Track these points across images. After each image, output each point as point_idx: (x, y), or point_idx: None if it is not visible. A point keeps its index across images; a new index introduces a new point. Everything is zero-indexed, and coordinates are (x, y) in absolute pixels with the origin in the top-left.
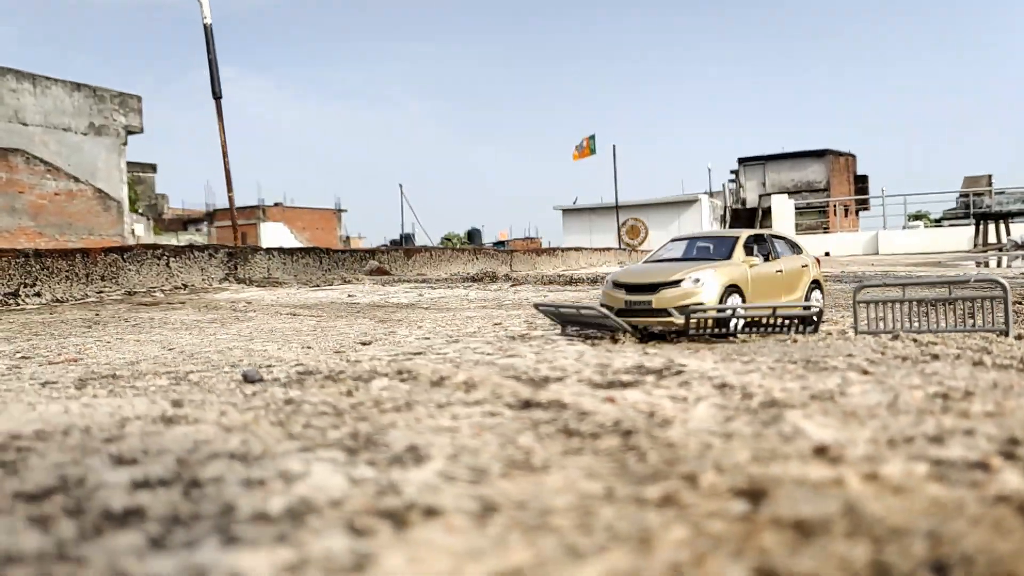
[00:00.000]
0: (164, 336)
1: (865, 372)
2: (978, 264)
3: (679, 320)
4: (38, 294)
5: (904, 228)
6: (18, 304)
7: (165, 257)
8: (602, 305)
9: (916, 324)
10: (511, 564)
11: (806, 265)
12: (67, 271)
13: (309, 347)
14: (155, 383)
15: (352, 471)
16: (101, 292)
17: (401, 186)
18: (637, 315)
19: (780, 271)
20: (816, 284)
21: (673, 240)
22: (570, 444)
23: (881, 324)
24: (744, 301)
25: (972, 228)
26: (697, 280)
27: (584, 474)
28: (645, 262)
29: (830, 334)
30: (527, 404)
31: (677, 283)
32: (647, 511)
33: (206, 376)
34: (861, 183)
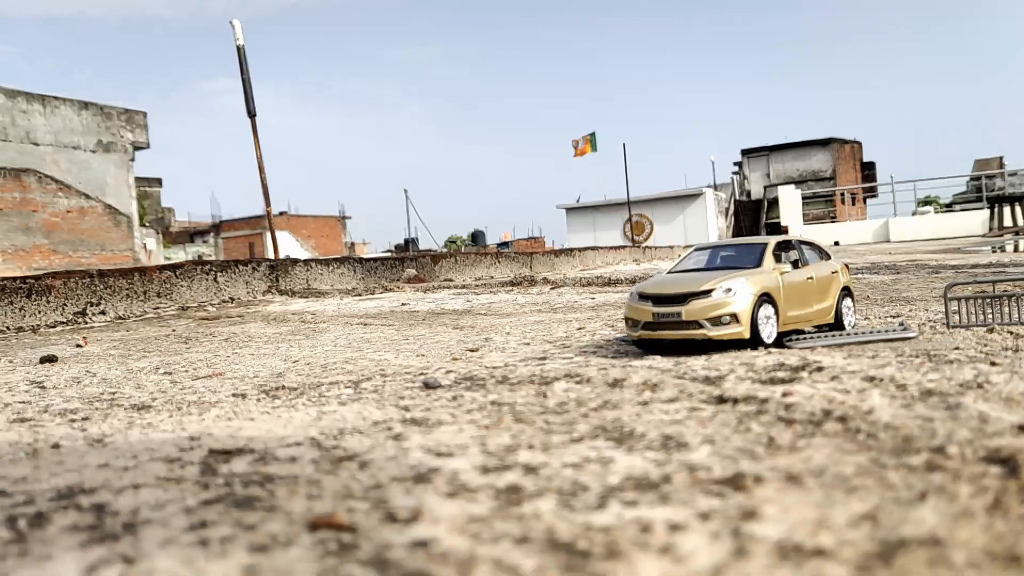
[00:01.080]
0: (271, 349)
1: (993, 363)
2: (995, 249)
3: (713, 332)
4: (103, 312)
5: (914, 214)
6: (86, 322)
7: (213, 272)
8: (626, 319)
9: (1002, 317)
10: (861, 510)
11: (836, 271)
12: (127, 289)
13: (422, 355)
14: (344, 392)
15: (637, 458)
16: (158, 308)
17: (406, 191)
18: (665, 328)
19: (811, 278)
20: (847, 291)
21: (697, 249)
22: (797, 430)
23: (965, 319)
24: (776, 310)
25: (985, 212)
26: (729, 290)
27: (837, 451)
28: (670, 272)
29: (923, 332)
30: (721, 399)
31: (708, 293)
32: (925, 474)
33: (378, 385)
34: (868, 170)
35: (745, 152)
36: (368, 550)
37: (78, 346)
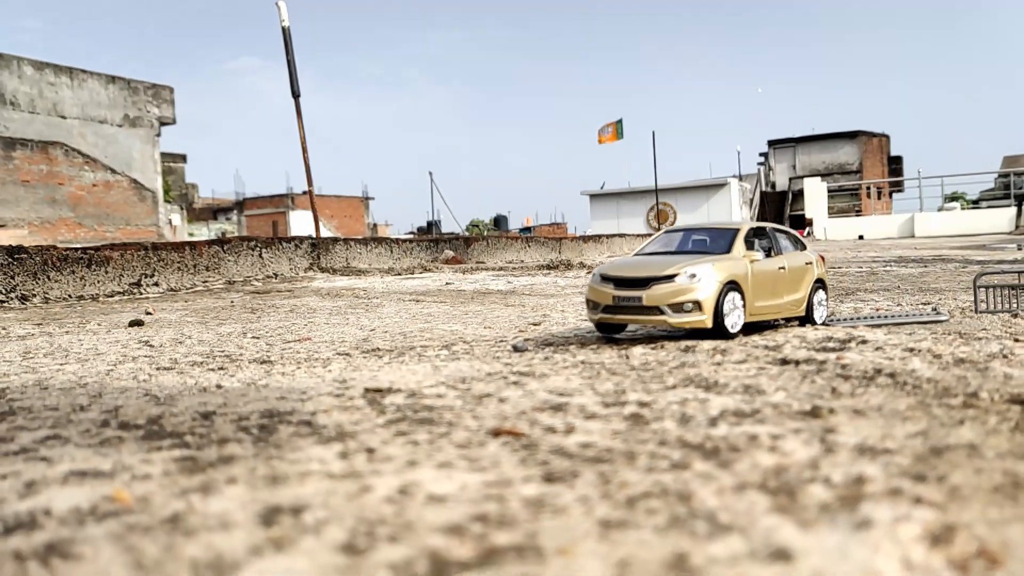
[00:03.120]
0: (340, 320)
1: (1017, 340)
2: (1021, 247)
3: (674, 320)
4: (156, 284)
5: (940, 210)
6: (141, 293)
7: (258, 248)
8: (587, 300)
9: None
10: (914, 429)
11: (810, 263)
12: (179, 262)
13: (488, 327)
14: (440, 352)
15: (727, 399)
16: (206, 281)
17: (431, 173)
18: (625, 312)
19: (783, 268)
20: (820, 284)
21: (667, 231)
22: (854, 382)
23: (996, 305)
24: (744, 299)
25: (1012, 209)
26: (693, 275)
27: (890, 396)
28: (636, 254)
29: (953, 316)
30: (784, 361)
31: (671, 278)
32: (962, 410)
33: (467, 348)
34: (895, 164)
35: (771, 143)
36: (547, 447)
37: (148, 313)
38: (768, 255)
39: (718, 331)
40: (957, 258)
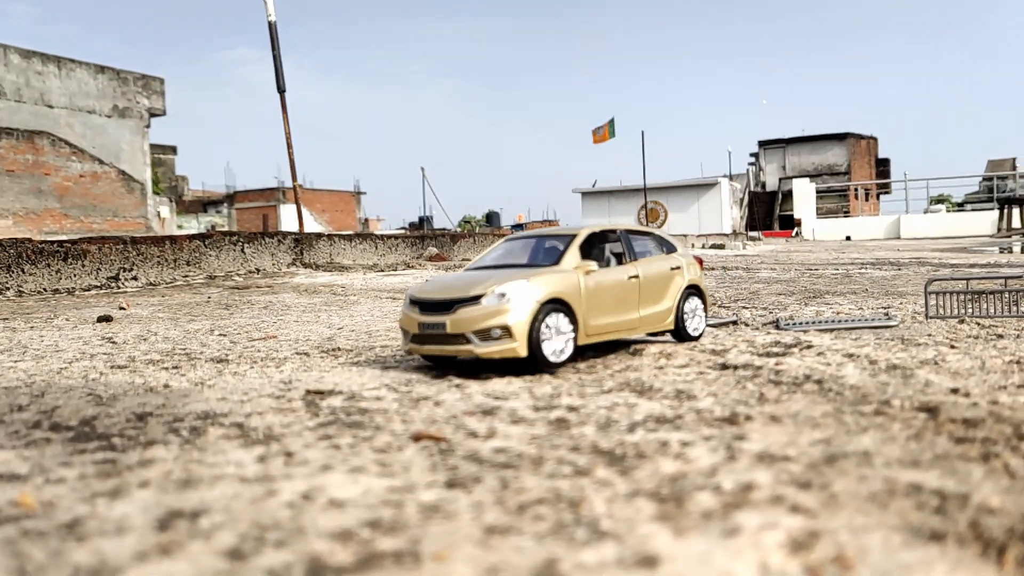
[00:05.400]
0: (312, 317)
1: (953, 346)
2: (1002, 250)
3: (481, 350)
4: (135, 278)
5: (926, 212)
6: (119, 287)
7: (240, 243)
8: (401, 328)
9: (974, 311)
10: (819, 437)
11: (678, 267)
12: (159, 256)
13: None
14: (399, 353)
15: (656, 404)
16: (187, 276)
17: (423, 169)
18: (432, 342)
19: (636, 277)
20: (693, 290)
21: (507, 240)
22: (782, 388)
23: (943, 311)
24: (575, 318)
25: (995, 212)
26: (503, 295)
27: (810, 403)
28: (467, 269)
29: (904, 321)
30: (724, 367)
31: (477, 299)
32: (871, 417)
33: None
34: (882, 166)
35: (762, 143)
36: (462, 452)
37: (121, 308)
38: (620, 262)
39: (535, 361)
40: (933, 261)
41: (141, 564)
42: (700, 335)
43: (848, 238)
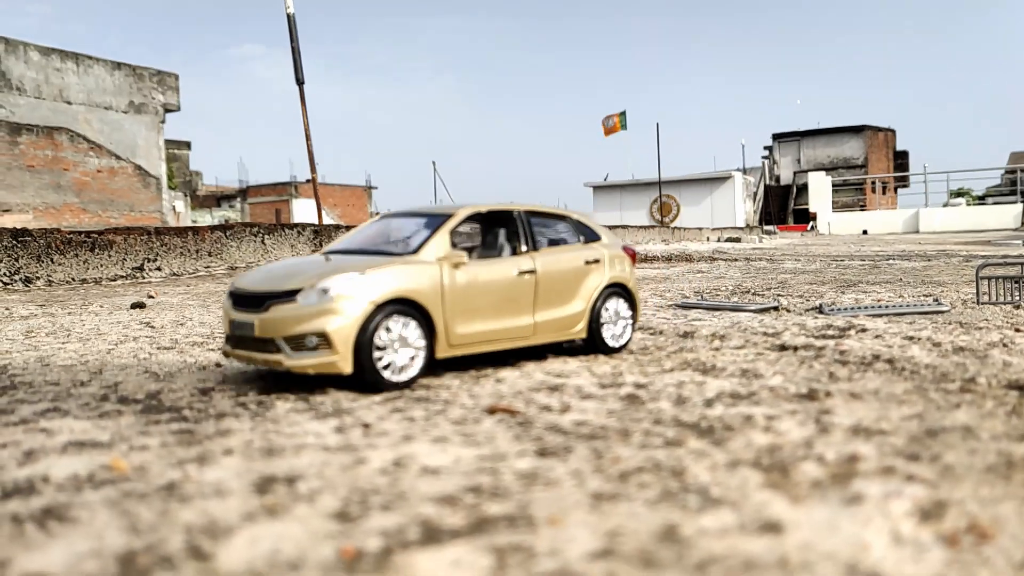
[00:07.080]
0: None
1: (1018, 330)
2: None
3: (292, 362)
4: (159, 268)
5: (945, 206)
6: (144, 277)
7: (261, 235)
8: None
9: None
10: (910, 412)
11: (596, 261)
12: (181, 247)
13: None
14: None
15: (724, 381)
16: (208, 267)
17: (434, 163)
18: (241, 346)
19: (530, 272)
20: (618, 289)
21: (383, 216)
22: (851, 367)
23: (994, 297)
24: (431, 323)
25: (1019, 206)
26: (325, 291)
27: (887, 381)
28: (324, 252)
29: (954, 307)
30: (783, 347)
31: (292, 295)
32: (959, 395)
33: None
34: (900, 159)
35: (776, 136)
36: (542, 424)
37: (150, 296)
38: (514, 253)
39: (364, 380)
40: (961, 253)
41: (251, 523)
42: (623, 346)
43: (865, 232)
